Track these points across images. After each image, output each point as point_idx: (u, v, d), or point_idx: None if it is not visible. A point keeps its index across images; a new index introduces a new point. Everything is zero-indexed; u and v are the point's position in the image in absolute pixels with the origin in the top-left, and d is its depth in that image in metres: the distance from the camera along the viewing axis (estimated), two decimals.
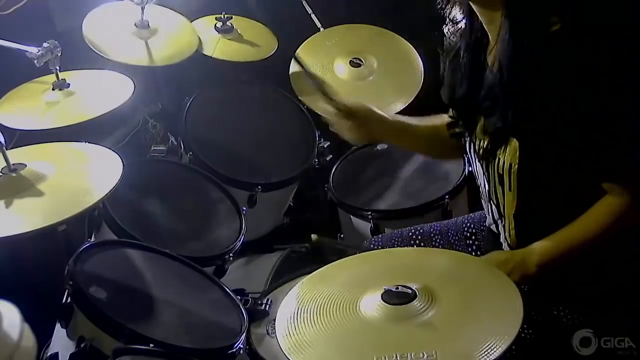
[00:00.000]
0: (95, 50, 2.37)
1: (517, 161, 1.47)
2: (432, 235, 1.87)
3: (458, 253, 1.57)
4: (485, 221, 1.77)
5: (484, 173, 1.61)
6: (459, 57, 1.61)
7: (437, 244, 1.84)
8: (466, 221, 1.87)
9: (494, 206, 1.63)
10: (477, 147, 1.59)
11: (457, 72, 1.62)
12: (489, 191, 1.62)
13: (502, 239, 1.66)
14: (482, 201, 1.73)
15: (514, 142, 1.47)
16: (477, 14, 1.51)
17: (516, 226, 1.59)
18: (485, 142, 1.54)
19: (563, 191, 1.49)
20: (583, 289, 1.54)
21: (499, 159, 1.51)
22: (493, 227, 1.70)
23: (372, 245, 1.93)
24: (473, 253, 1.78)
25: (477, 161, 1.62)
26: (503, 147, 1.49)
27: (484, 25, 1.52)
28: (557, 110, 1.39)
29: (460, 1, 1.55)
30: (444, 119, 1.78)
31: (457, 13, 1.59)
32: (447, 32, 1.64)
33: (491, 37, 1.51)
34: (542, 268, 1.48)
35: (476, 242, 1.80)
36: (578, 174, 1.46)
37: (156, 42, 2.52)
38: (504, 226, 1.63)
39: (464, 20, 1.58)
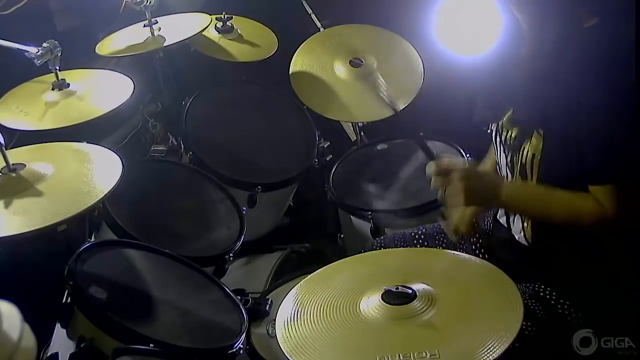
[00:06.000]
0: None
1: (540, 152, 1.48)
2: (435, 235, 1.86)
3: (457, 253, 1.57)
4: (492, 215, 1.76)
5: (507, 164, 1.61)
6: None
7: (440, 244, 1.83)
8: None
9: None
10: (503, 138, 1.60)
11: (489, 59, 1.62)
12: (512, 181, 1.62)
13: (514, 231, 1.66)
14: None
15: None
16: (510, 3, 1.50)
17: None
18: (513, 134, 1.55)
19: (582, 184, 1.49)
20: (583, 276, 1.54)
21: (524, 148, 1.52)
22: (503, 219, 1.69)
23: (374, 247, 1.92)
24: (477, 252, 1.77)
25: (502, 151, 1.63)
26: (528, 139, 1.50)
27: (517, 15, 1.51)
28: (577, 106, 1.40)
29: None
30: None
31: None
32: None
33: (523, 27, 1.51)
34: (504, 203, 1.56)
35: (480, 241, 1.79)
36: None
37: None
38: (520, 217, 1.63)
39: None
